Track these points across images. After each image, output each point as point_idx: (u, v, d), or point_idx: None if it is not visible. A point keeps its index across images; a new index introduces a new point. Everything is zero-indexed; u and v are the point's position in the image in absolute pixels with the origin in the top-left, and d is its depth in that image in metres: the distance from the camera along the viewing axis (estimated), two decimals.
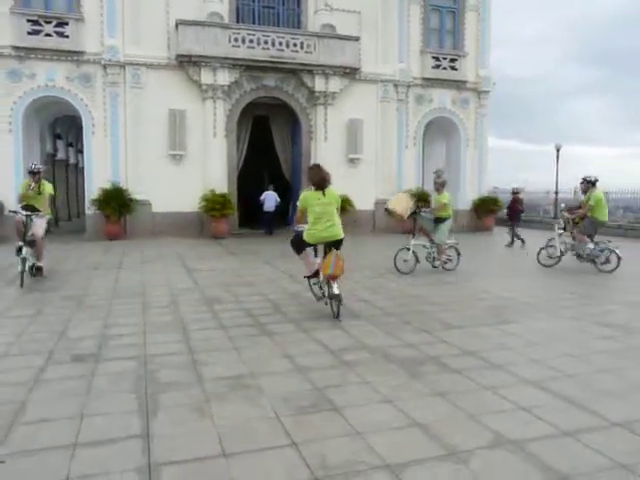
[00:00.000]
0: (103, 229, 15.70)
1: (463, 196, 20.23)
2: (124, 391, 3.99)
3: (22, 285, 8.02)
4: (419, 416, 3.55)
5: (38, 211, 8.55)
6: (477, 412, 3.61)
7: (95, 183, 15.99)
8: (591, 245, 10.13)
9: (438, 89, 19.67)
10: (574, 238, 10.42)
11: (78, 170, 25.31)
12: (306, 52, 17.21)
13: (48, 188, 8.90)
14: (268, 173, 20.72)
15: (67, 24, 15.46)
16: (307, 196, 6.48)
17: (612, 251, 10.01)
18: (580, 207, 10.54)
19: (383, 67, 18.71)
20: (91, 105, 15.97)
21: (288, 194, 18.93)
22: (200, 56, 16.18)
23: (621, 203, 21.69)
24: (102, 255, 12.38)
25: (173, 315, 6.44)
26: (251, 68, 16.95)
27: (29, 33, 15.10)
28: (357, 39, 17.83)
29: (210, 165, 16.95)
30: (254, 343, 5.27)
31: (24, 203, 8.58)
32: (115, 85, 16.08)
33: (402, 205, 9.64)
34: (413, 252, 9.53)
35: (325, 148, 18.03)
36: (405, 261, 9.49)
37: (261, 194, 17.97)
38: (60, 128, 21.63)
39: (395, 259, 9.57)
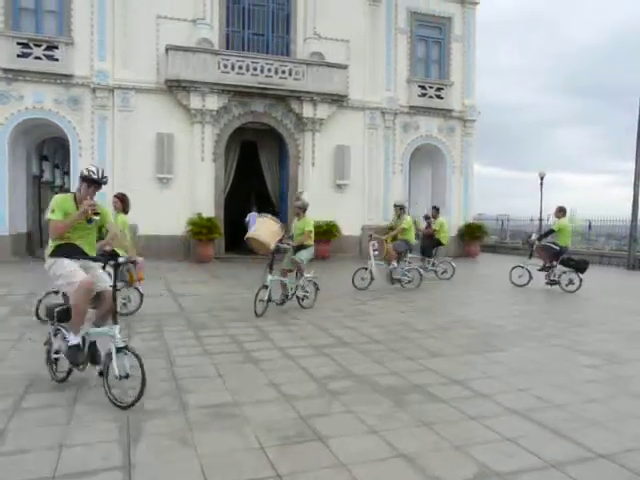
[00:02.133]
0: None
1: (449, 223, 20.35)
2: (105, 419, 3.92)
3: None
4: (404, 447, 3.52)
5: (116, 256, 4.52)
6: (463, 443, 3.59)
7: None
8: (395, 264, 10.97)
9: (424, 117, 19.97)
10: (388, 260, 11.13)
11: (64, 192, 25.16)
12: (295, 79, 17.44)
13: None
14: (255, 198, 20.76)
15: (57, 47, 15.54)
16: (127, 219, 7.57)
17: (417, 270, 11.19)
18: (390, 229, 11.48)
19: (370, 95, 19.00)
20: (79, 128, 15.97)
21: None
22: (189, 81, 16.33)
23: (604, 230, 21.98)
24: None
25: (158, 341, 6.37)
26: (240, 94, 17.12)
27: (19, 55, 15.14)
28: (345, 67, 18.12)
29: (198, 189, 16.97)
30: (239, 370, 5.22)
31: (72, 242, 4.57)
32: (104, 108, 16.13)
33: (268, 232, 8.07)
34: (270, 290, 8.03)
35: (312, 174, 18.16)
36: (261, 301, 7.93)
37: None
38: (47, 150, 21.56)
39: (255, 299, 7.95)
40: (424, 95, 19.81)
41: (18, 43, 15.17)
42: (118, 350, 4.16)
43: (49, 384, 4.68)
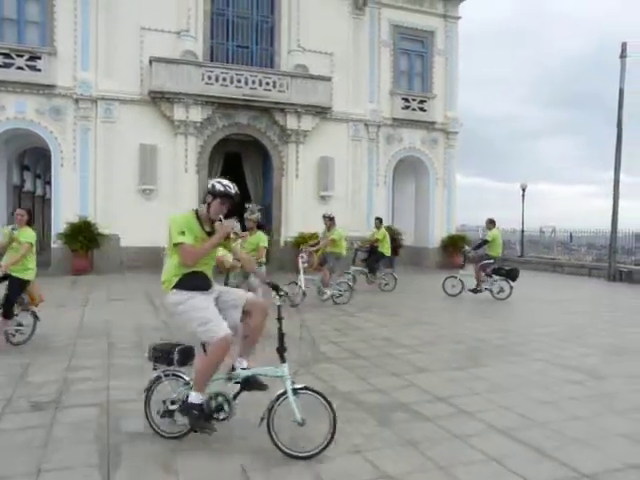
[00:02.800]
0: (69, 263, 15.34)
1: (432, 234, 20.53)
2: (85, 442, 3.84)
3: None
4: (390, 468, 3.50)
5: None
6: (448, 463, 3.58)
7: (62, 216, 15.70)
8: (328, 292, 10.55)
9: (408, 129, 20.13)
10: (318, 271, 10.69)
11: (45, 202, 24.89)
12: (279, 91, 17.48)
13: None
14: (239, 209, 20.68)
15: (39, 58, 15.36)
16: (34, 235, 6.76)
17: (347, 284, 10.90)
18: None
19: (354, 107, 19.11)
20: (61, 138, 15.80)
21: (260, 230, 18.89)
22: (173, 92, 16.26)
23: (584, 240, 22.39)
24: (67, 291, 12.06)
25: (139, 358, 6.26)
26: (224, 105, 17.10)
27: (0, 66, 14.96)
28: (329, 79, 18.21)
29: (181, 200, 16.80)
30: (223, 389, 5.14)
31: (199, 269, 3.94)
32: (86, 119, 15.98)
33: None
34: None
35: (296, 185, 18.16)
36: None
37: None
38: (28, 160, 21.32)
39: None
40: (407, 107, 19.98)
41: (0, 53, 15.00)
42: (295, 392, 3.65)
43: (27, 404, 4.58)
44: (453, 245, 20.21)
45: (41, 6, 15.66)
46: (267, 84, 17.33)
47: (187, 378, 3.86)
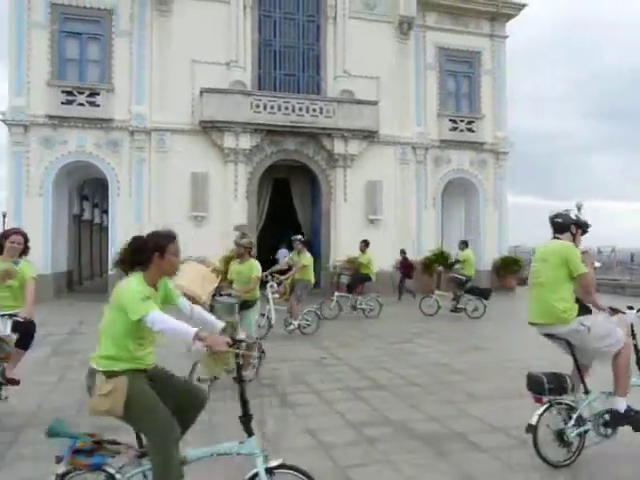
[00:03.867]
0: None
1: (483, 257, 20.06)
2: None
3: None
4: None
5: None
6: None
7: (118, 243, 16.26)
8: (295, 322, 9.81)
9: (456, 151, 19.94)
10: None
11: (102, 229, 25.91)
12: (326, 117, 17.73)
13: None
14: (288, 234, 20.91)
15: (98, 94, 16.27)
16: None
17: (315, 313, 10.26)
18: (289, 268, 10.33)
19: (401, 130, 19.12)
20: (117, 169, 16.53)
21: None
22: (223, 122, 16.77)
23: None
24: None
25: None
26: (272, 132, 17.47)
27: (63, 103, 15.93)
28: (375, 103, 18.33)
29: (231, 227, 17.17)
30: (275, 415, 5.16)
31: None
32: (141, 150, 16.68)
33: (195, 280, 5.77)
34: None
35: (345, 209, 18.23)
36: (201, 380, 5.72)
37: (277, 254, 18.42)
38: (87, 190, 22.31)
39: (191, 378, 5.74)
40: (455, 129, 19.84)
41: (63, 91, 15.99)
42: None
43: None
44: (505, 268, 19.71)
45: (101, 46, 16.62)
46: (314, 110, 17.62)
47: (572, 403, 3.96)
